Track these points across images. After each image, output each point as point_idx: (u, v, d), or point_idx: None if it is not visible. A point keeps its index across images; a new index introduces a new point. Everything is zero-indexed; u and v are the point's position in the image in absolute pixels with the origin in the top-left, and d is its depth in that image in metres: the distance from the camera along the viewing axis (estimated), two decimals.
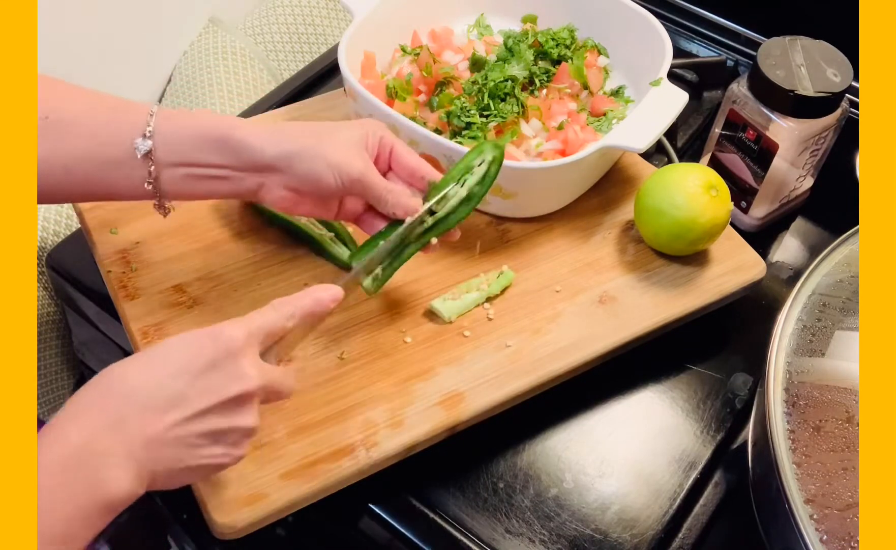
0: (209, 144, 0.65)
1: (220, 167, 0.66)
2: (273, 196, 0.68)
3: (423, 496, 0.71)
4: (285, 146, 0.66)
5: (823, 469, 0.61)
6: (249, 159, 0.66)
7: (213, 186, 0.67)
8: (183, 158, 0.65)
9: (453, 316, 0.76)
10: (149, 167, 0.65)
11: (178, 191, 0.67)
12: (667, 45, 0.88)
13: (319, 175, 0.66)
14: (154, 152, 0.65)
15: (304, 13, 1.24)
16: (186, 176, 0.66)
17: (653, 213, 0.80)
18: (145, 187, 0.66)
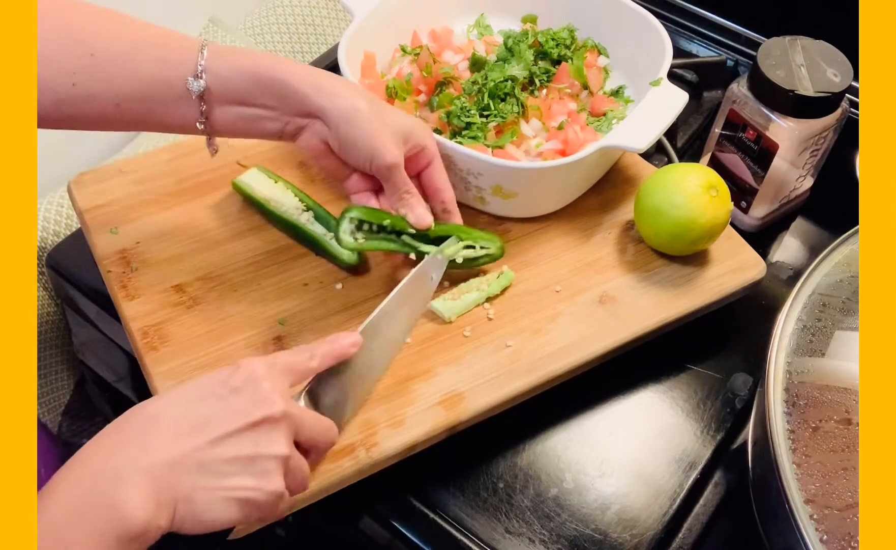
0: (264, 87, 0.67)
1: (270, 109, 0.68)
2: (308, 141, 0.70)
3: (423, 496, 0.71)
4: (337, 100, 0.67)
5: (823, 469, 0.61)
6: (300, 104, 0.67)
7: (261, 126, 0.69)
8: (236, 97, 0.67)
9: (453, 316, 0.76)
10: (201, 107, 0.66)
11: (227, 128, 0.69)
12: (667, 45, 0.88)
13: (355, 145, 0.68)
14: (207, 92, 0.65)
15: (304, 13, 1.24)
16: (236, 115, 0.68)
17: (653, 213, 0.80)
18: (197, 126, 0.67)
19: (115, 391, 1.00)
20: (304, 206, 0.82)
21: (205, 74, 0.65)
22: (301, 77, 0.67)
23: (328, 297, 0.78)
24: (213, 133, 0.69)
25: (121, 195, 0.83)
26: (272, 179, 0.84)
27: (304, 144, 0.71)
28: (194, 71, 0.65)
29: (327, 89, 0.68)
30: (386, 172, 0.70)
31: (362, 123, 0.68)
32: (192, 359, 0.72)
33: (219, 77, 0.65)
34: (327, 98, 0.67)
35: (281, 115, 0.68)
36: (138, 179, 0.85)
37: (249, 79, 0.66)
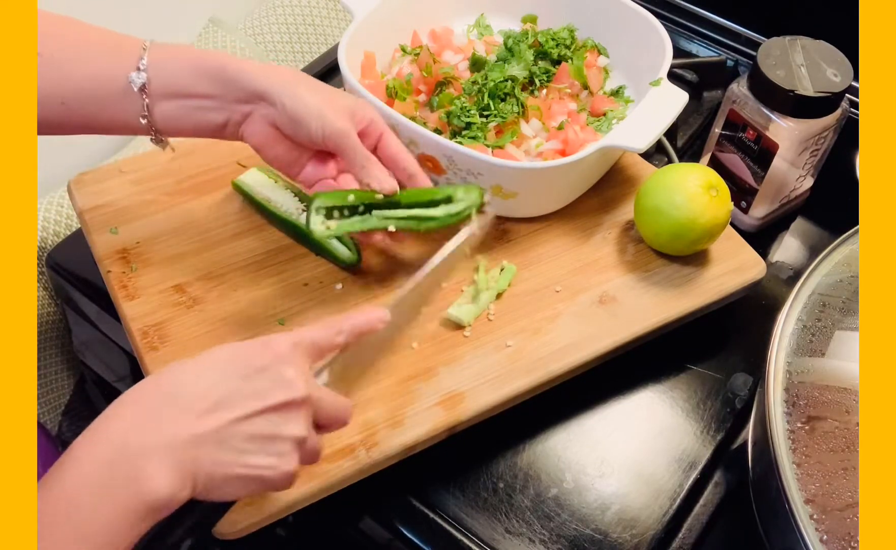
0: (203, 75, 0.66)
1: (212, 98, 0.67)
2: (253, 129, 0.69)
3: (423, 496, 0.71)
4: (279, 78, 0.67)
5: (823, 469, 0.61)
6: (242, 88, 0.67)
7: (204, 118, 0.68)
8: (177, 89, 0.66)
9: (471, 320, 0.76)
10: (143, 100, 0.66)
11: (170, 123, 0.68)
12: (667, 45, 0.88)
13: (305, 116, 0.67)
14: (148, 84, 0.65)
15: (304, 13, 1.24)
16: (178, 108, 0.67)
17: (653, 213, 0.80)
18: (140, 122, 0.67)
19: (115, 391, 1.00)
20: (303, 206, 0.82)
21: (146, 67, 0.65)
22: (241, 62, 0.67)
23: (328, 297, 0.78)
24: (158, 130, 0.68)
25: (121, 195, 0.83)
26: (272, 179, 0.84)
27: (252, 133, 0.69)
28: (136, 65, 0.65)
29: (268, 70, 0.68)
30: (341, 141, 0.68)
31: (307, 94, 0.67)
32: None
33: (160, 70, 0.66)
34: (268, 77, 0.67)
35: (224, 103, 0.68)
36: (138, 179, 0.85)
37: (190, 68, 0.66)
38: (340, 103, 0.69)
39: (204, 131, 0.69)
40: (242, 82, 0.67)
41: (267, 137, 0.70)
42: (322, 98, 0.68)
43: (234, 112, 0.68)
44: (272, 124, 0.69)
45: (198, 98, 0.67)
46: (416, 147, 0.81)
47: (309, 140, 0.69)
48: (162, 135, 0.69)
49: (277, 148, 0.71)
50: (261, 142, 0.70)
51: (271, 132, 0.69)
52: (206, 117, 0.68)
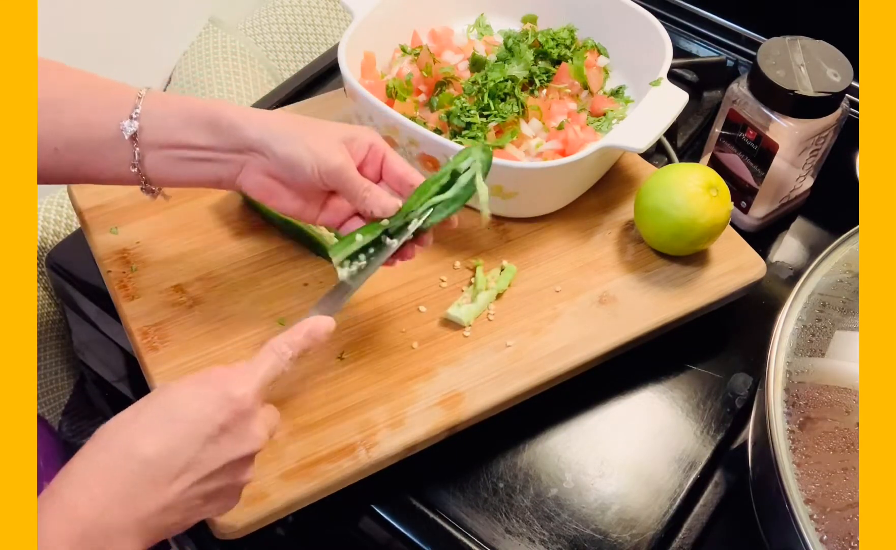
0: (196, 124, 0.65)
1: (204, 149, 0.66)
2: (252, 181, 0.68)
3: (423, 496, 0.71)
4: (269, 127, 0.66)
5: (823, 469, 0.61)
6: (235, 139, 0.66)
7: (196, 169, 0.67)
8: (168, 138, 0.65)
9: (471, 320, 0.76)
10: (134, 149, 0.65)
11: (161, 174, 0.67)
12: (667, 45, 0.88)
13: (298, 161, 0.65)
14: (140, 133, 0.65)
15: (304, 13, 1.24)
16: (170, 158, 0.66)
17: (653, 213, 0.80)
18: (130, 171, 0.66)
19: (115, 391, 1.00)
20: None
21: (139, 115, 0.64)
22: (233, 110, 0.66)
23: None
24: (148, 179, 0.67)
25: (121, 195, 0.83)
26: None
27: (250, 186, 0.68)
28: (129, 114, 0.64)
29: (258, 118, 0.66)
30: (337, 177, 0.66)
31: (298, 137, 0.66)
32: (192, 359, 0.72)
33: (152, 118, 0.65)
34: (257, 126, 0.66)
35: (217, 153, 0.66)
36: None
37: (181, 116, 0.65)
38: (334, 138, 0.67)
39: (198, 182, 0.68)
40: (234, 133, 0.65)
41: (266, 188, 0.68)
42: (315, 136, 0.66)
43: (227, 163, 0.67)
44: (268, 174, 0.67)
45: (190, 149, 0.66)
46: (416, 147, 0.81)
47: (306, 182, 0.67)
48: (153, 185, 0.68)
49: (282, 198, 0.69)
50: (263, 194, 0.68)
51: (269, 183, 0.68)
52: (199, 170, 0.67)
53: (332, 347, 0.74)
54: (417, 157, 0.82)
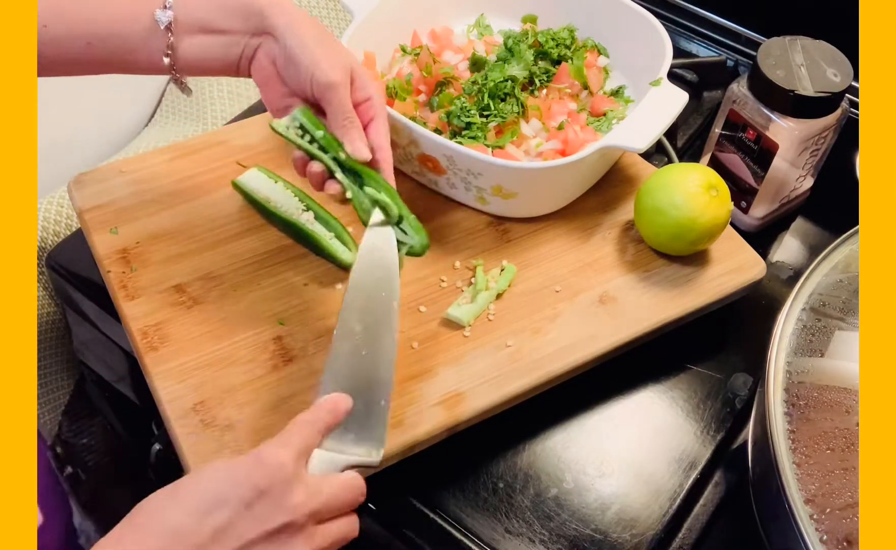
0: (230, 10, 0.67)
1: (232, 33, 0.68)
2: (258, 65, 0.69)
3: (423, 496, 0.71)
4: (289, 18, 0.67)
5: (823, 469, 0.61)
6: (257, 23, 0.67)
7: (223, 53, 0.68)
8: (201, 25, 0.67)
9: (471, 320, 0.76)
10: (168, 39, 0.66)
11: (192, 60, 0.68)
12: (667, 45, 0.88)
13: (299, 58, 0.66)
14: (174, 23, 0.66)
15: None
16: (201, 44, 0.68)
17: (653, 213, 0.80)
18: (163, 61, 0.68)
19: (115, 391, 1.00)
20: (304, 206, 0.82)
21: (172, 4, 0.66)
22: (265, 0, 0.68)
23: (328, 297, 0.78)
24: (179, 69, 0.68)
25: (121, 195, 0.83)
26: (272, 179, 0.84)
27: (256, 69, 0.69)
28: (163, 3, 0.66)
29: (284, 6, 0.68)
30: (327, 92, 0.67)
31: (308, 39, 0.67)
32: (192, 359, 0.72)
33: (185, 6, 0.66)
34: (280, 14, 0.67)
35: (241, 37, 0.68)
36: (138, 179, 0.85)
37: (216, 4, 0.67)
38: (342, 59, 0.68)
39: (221, 68, 0.70)
40: (260, 16, 0.67)
41: (267, 76, 0.69)
42: (323, 48, 0.67)
43: (248, 46, 0.68)
44: (273, 62, 0.69)
45: (221, 34, 0.68)
46: (416, 147, 0.81)
47: (298, 84, 0.68)
48: (182, 73, 0.69)
49: (276, 90, 0.70)
50: (262, 80, 0.70)
51: (271, 71, 0.69)
52: (226, 53, 0.68)
53: None
54: (417, 157, 0.82)
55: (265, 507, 0.52)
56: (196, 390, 0.70)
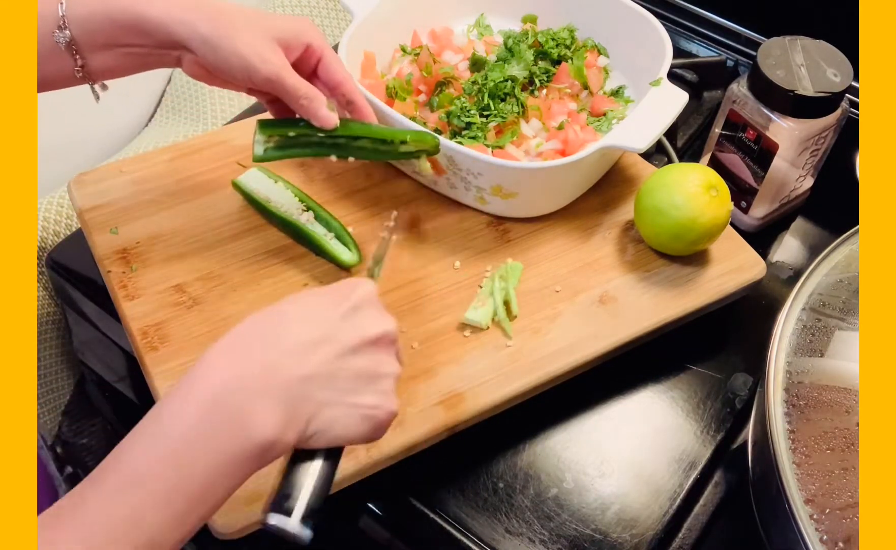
0: (123, 27, 0.65)
1: (139, 46, 0.66)
2: (190, 70, 0.69)
3: (423, 496, 0.71)
4: (197, 28, 0.65)
5: (823, 469, 0.61)
6: (164, 38, 0.65)
7: (138, 61, 0.67)
8: (103, 40, 0.65)
9: (489, 322, 0.76)
10: (74, 56, 0.65)
11: (108, 72, 0.67)
12: (667, 45, 0.88)
13: (227, 67, 0.65)
14: (76, 42, 0.64)
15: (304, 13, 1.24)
16: (113, 56, 0.66)
17: (653, 213, 0.80)
18: (76, 76, 0.66)
19: (115, 391, 1.00)
20: (304, 206, 0.82)
21: (67, 24, 0.64)
22: (159, 9, 0.65)
23: None
24: (98, 79, 0.67)
25: (121, 195, 0.83)
26: (272, 179, 0.84)
27: (191, 74, 0.68)
28: (57, 23, 0.64)
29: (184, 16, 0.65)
30: (273, 85, 0.66)
31: (227, 38, 0.65)
32: (192, 359, 0.72)
33: (81, 24, 0.64)
34: (184, 25, 0.65)
35: (151, 49, 0.66)
36: (138, 179, 0.85)
37: (107, 21, 0.65)
38: (266, 37, 0.66)
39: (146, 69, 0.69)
40: (162, 32, 0.65)
41: (205, 76, 0.69)
42: (245, 39, 0.65)
43: (164, 57, 0.67)
44: (202, 67, 0.68)
45: (127, 47, 0.66)
46: None
47: (240, 84, 0.68)
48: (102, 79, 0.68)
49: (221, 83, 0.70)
50: (202, 79, 0.69)
51: (205, 74, 0.68)
52: (143, 61, 0.68)
53: None
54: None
55: (360, 318, 0.54)
56: None
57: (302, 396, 0.51)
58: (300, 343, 0.52)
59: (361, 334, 0.54)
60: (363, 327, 0.54)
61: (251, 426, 0.48)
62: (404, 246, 0.81)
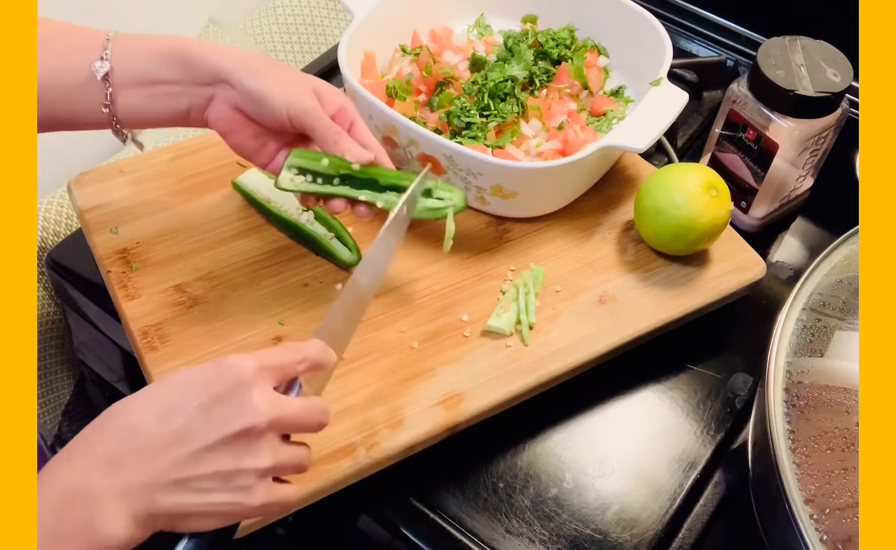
0: (166, 60, 0.66)
1: (174, 83, 0.66)
2: (218, 113, 0.67)
3: (423, 496, 0.71)
4: (240, 60, 0.66)
5: (823, 469, 0.61)
6: (204, 71, 0.66)
7: (166, 104, 0.67)
8: (139, 76, 0.66)
9: (512, 328, 0.76)
10: (107, 89, 0.65)
11: (133, 113, 0.67)
12: (667, 45, 0.88)
13: (267, 96, 0.66)
14: (112, 73, 0.65)
15: (304, 13, 1.24)
16: (141, 95, 0.66)
17: (653, 213, 0.80)
18: (102, 111, 0.66)
19: (115, 391, 1.00)
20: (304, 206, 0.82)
21: (110, 57, 0.65)
22: (204, 45, 0.66)
23: (328, 297, 0.78)
24: (119, 121, 0.67)
25: (121, 195, 0.83)
26: (272, 179, 0.84)
27: (216, 118, 0.67)
28: (100, 54, 0.65)
29: (229, 51, 0.66)
30: (308, 119, 0.66)
31: (268, 72, 0.66)
32: (192, 359, 0.72)
33: (122, 58, 0.65)
34: (228, 58, 0.66)
35: (187, 88, 0.66)
36: (138, 179, 0.85)
37: (152, 54, 0.66)
38: (305, 84, 0.68)
39: (168, 119, 0.68)
40: (203, 64, 0.66)
41: (231, 122, 0.68)
42: (284, 77, 0.67)
43: (197, 96, 0.67)
44: (235, 107, 0.67)
45: (161, 84, 0.66)
46: (416, 147, 0.81)
47: (273, 120, 0.67)
48: (125, 126, 0.68)
49: (245, 132, 0.69)
50: (226, 127, 0.68)
51: (235, 116, 0.68)
52: (170, 104, 0.67)
53: None
54: (417, 157, 0.82)
55: (222, 410, 0.50)
56: None
57: (150, 500, 0.49)
58: (153, 441, 0.50)
59: (221, 431, 0.50)
60: (224, 422, 0.50)
61: (101, 529, 0.48)
62: (404, 246, 0.81)
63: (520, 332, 0.76)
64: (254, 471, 0.51)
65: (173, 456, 0.50)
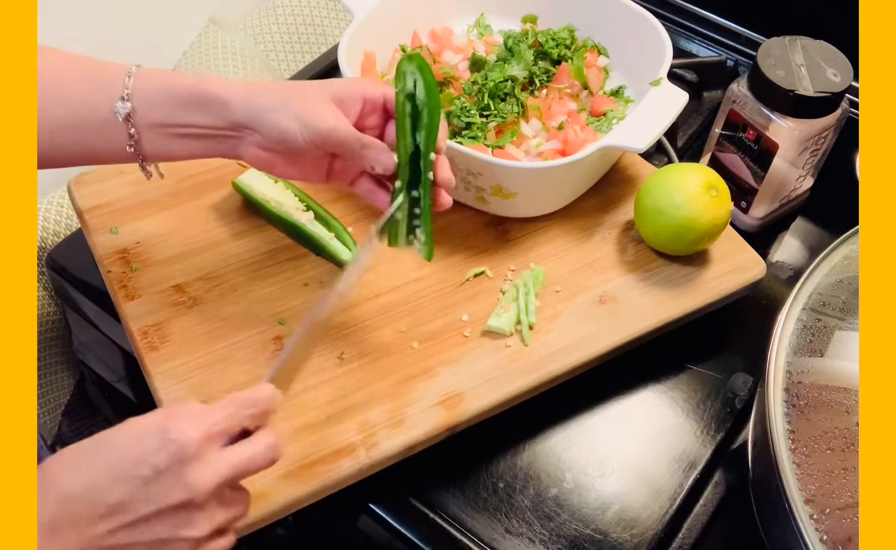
0: (186, 104, 0.65)
1: (198, 127, 0.65)
2: (250, 154, 0.67)
3: (423, 496, 0.71)
4: (254, 103, 0.65)
5: (823, 469, 0.61)
6: (224, 117, 0.65)
7: (194, 145, 0.66)
8: (163, 118, 0.65)
9: (512, 328, 0.76)
10: (129, 130, 0.64)
11: (159, 151, 0.66)
12: (667, 45, 0.88)
13: (287, 133, 0.64)
14: (133, 115, 0.64)
15: (304, 13, 1.24)
16: (166, 136, 0.66)
17: (653, 213, 0.80)
18: (127, 150, 0.65)
19: (115, 391, 1.00)
20: (304, 206, 0.82)
21: (131, 96, 0.64)
22: (223, 90, 0.65)
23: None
24: (145, 158, 0.67)
25: (121, 195, 0.83)
26: (272, 179, 0.84)
27: (249, 159, 0.67)
28: (121, 94, 0.64)
29: (243, 94, 0.65)
30: (328, 141, 0.65)
31: (284, 106, 0.64)
32: (192, 359, 0.72)
33: (144, 98, 0.64)
34: (242, 104, 0.64)
35: (212, 130, 0.66)
36: (138, 179, 0.85)
37: (172, 97, 0.65)
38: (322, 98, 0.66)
39: (198, 156, 0.68)
40: (223, 114, 0.65)
41: (265, 160, 0.67)
42: (300, 103, 0.65)
43: (225, 139, 0.66)
44: (264, 148, 0.66)
45: (185, 127, 0.65)
46: None
47: (300, 150, 0.66)
48: (152, 161, 0.67)
49: (284, 167, 0.68)
50: (263, 166, 0.68)
51: (267, 155, 0.67)
52: (199, 144, 0.66)
53: (332, 347, 0.74)
54: None
55: (163, 485, 0.50)
56: (196, 390, 0.70)
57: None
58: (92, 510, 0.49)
59: (159, 503, 0.50)
60: (163, 495, 0.50)
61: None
62: None
63: (520, 332, 0.76)
64: (190, 540, 0.52)
65: (110, 525, 0.50)
